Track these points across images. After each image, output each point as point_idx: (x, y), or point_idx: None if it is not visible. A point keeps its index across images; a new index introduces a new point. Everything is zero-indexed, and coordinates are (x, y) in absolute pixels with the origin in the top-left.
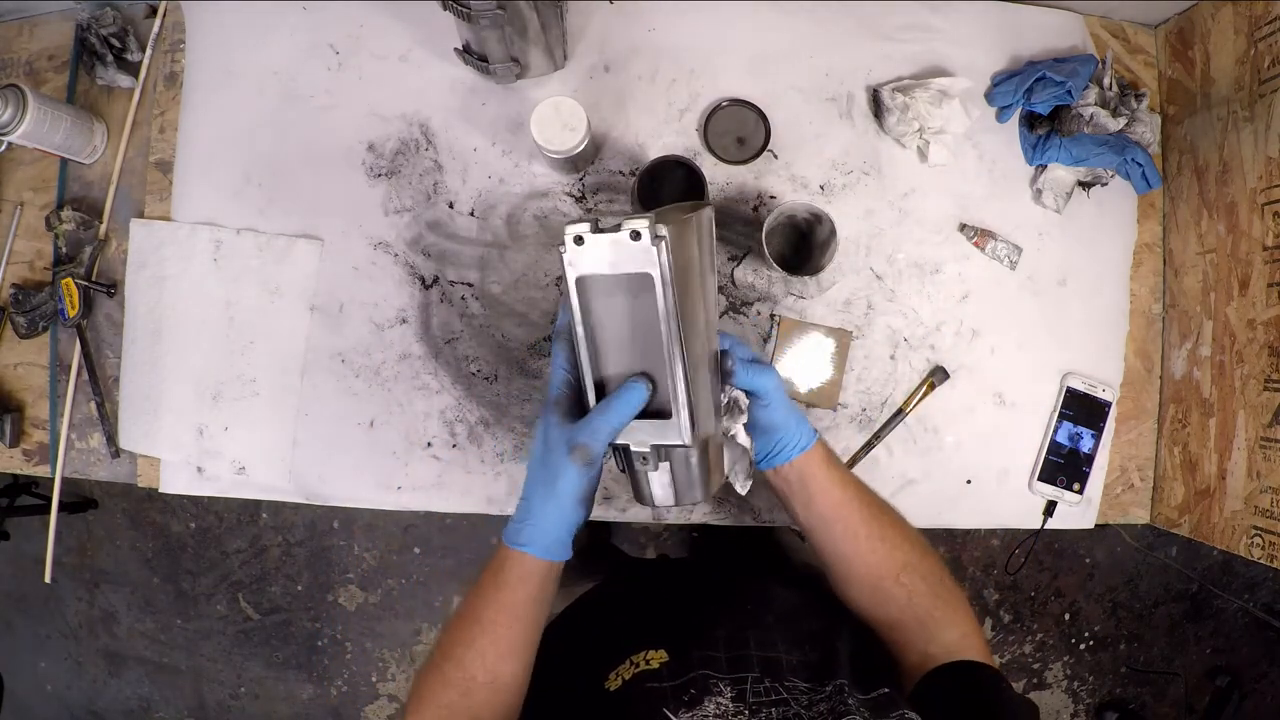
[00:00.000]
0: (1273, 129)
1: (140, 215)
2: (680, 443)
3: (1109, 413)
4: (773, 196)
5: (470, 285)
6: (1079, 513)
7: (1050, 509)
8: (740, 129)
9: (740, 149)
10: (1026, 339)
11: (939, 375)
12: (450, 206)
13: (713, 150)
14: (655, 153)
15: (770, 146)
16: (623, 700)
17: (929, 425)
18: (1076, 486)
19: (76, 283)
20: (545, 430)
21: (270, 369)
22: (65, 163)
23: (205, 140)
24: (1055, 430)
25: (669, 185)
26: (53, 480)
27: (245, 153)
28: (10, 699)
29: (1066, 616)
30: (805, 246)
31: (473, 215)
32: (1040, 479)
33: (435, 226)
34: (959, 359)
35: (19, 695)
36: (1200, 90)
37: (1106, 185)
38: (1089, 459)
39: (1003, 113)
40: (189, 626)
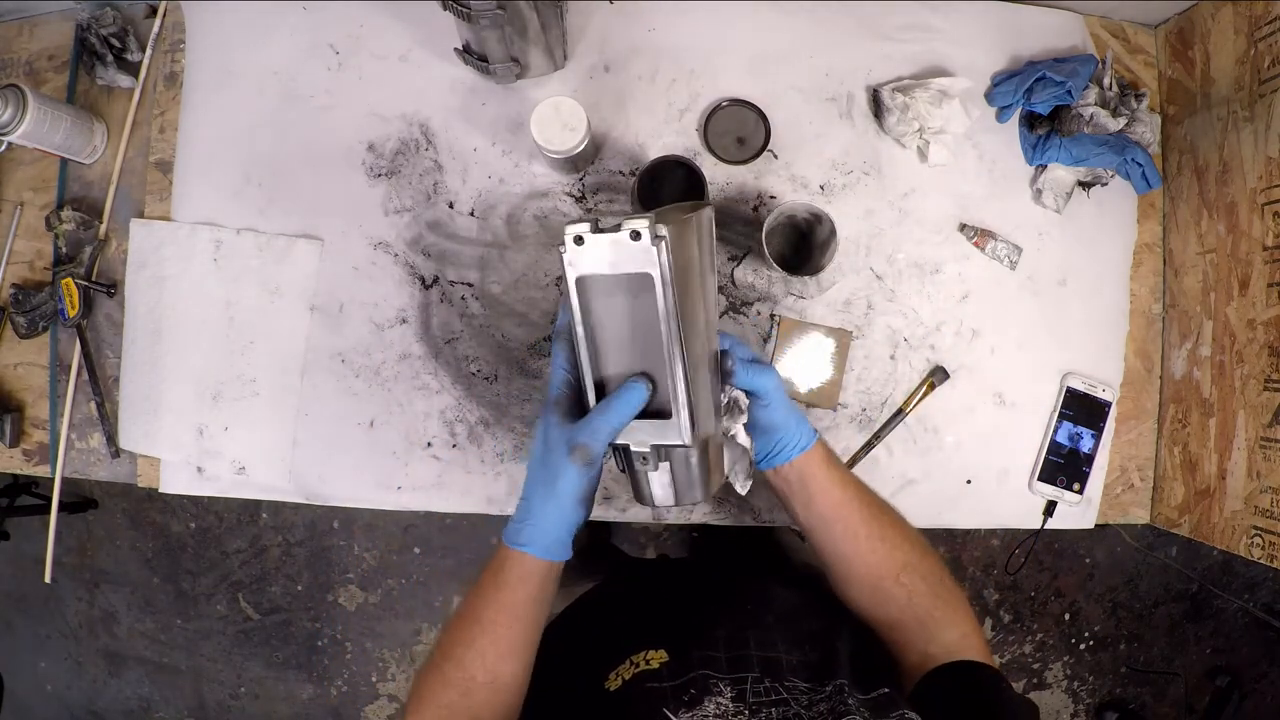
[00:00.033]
0: (1273, 129)
1: (140, 215)
2: (680, 443)
3: (1109, 413)
4: (773, 196)
5: (470, 285)
6: (1079, 513)
7: (1050, 509)
8: (740, 129)
9: (740, 149)
10: (1026, 339)
11: (939, 375)
12: (450, 206)
13: (713, 150)
14: (655, 153)
15: (770, 146)
16: (623, 700)
17: (929, 425)
18: (1076, 486)
19: (76, 283)
20: (545, 430)
21: (270, 369)
22: (65, 163)
23: (205, 140)
24: (1055, 430)
25: (669, 185)
26: (53, 480)
27: (245, 153)
28: (10, 699)
29: (1066, 616)
30: (805, 246)
31: (473, 215)
32: (1040, 479)
33: (435, 226)
34: (959, 359)
35: (19, 695)
36: (1200, 90)
37: (1106, 185)
38: (1089, 459)
39: (1003, 113)
40: (189, 626)
